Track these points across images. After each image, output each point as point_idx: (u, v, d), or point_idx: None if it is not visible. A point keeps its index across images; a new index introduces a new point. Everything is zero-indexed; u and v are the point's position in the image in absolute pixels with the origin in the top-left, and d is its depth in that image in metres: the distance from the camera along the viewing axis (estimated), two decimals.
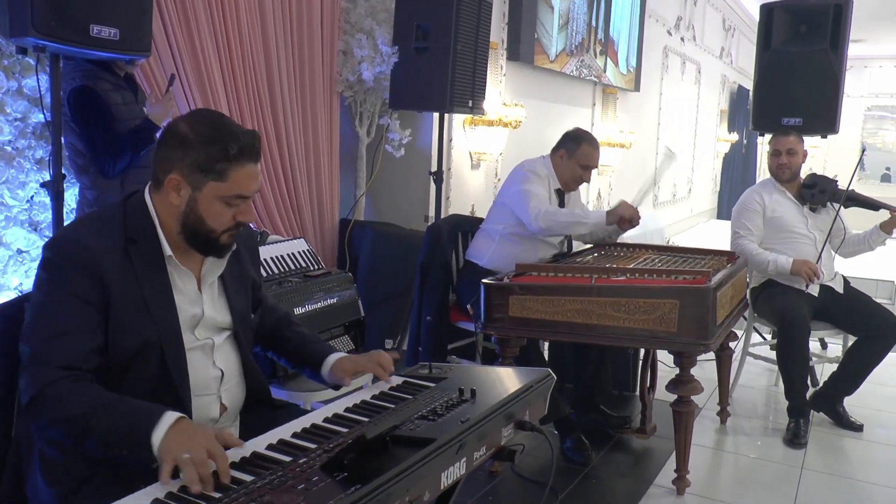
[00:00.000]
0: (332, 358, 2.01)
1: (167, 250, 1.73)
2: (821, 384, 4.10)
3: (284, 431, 1.62)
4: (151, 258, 1.71)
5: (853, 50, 15.30)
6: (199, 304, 1.80)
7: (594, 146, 3.62)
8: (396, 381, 1.95)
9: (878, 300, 7.13)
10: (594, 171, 3.72)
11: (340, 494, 1.28)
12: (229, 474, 1.41)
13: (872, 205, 4.05)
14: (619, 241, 3.84)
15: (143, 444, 1.47)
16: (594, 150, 3.61)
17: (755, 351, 4.42)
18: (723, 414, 3.91)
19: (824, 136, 4.80)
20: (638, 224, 3.49)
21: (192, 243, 1.74)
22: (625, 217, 3.44)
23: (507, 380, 1.92)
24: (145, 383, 1.68)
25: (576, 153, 3.58)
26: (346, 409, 1.76)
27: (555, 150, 3.65)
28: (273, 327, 2.11)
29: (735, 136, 13.07)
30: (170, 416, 1.50)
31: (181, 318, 1.74)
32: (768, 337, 4.73)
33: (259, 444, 1.56)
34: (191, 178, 1.68)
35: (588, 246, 3.85)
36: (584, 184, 3.75)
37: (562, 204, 3.67)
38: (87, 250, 1.63)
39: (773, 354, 4.12)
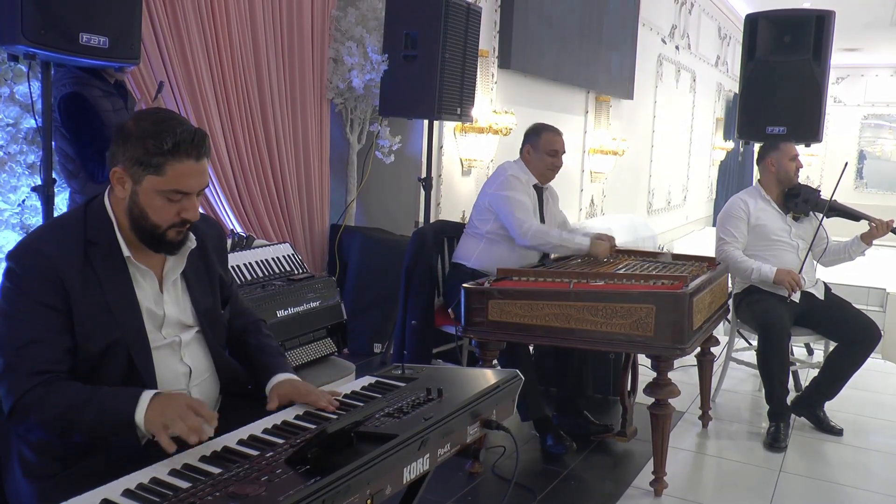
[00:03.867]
0: (277, 378, 1.94)
1: (125, 251, 1.78)
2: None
3: (256, 428, 1.68)
4: (111, 259, 1.76)
5: (849, 59, 15.34)
6: (161, 304, 1.84)
7: (555, 132, 3.77)
8: (369, 380, 2.01)
9: (868, 308, 7.22)
10: (587, 178, 3.82)
11: (300, 485, 1.34)
12: (216, 418, 1.58)
13: (854, 215, 4.11)
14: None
15: (128, 427, 1.59)
16: (556, 135, 3.76)
17: (740, 356, 4.47)
18: (704, 418, 3.96)
19: (808, 145, 4.87)
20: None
21: (141, 238, 1.78)
22: (599, 257, 3.60)
23: (474, 380, 1.98)
24: (114, 382, 1.74)
25: (539, 143, 3.71)
26: (318, 408, 1.82)
27: (521, 149, 3.76)
28: (239, 332, 2.11)
29: (731, 144, 13.14)
30: (146, 395, 1.61)
31: (145, 316, 1.80)
32: (754, 342, 4.78)
33: (230, 439, 1.62)
34: (131, 171, 1.72)
35: None
36: (560, 168, 3.85)
37: (540, 200, 3.76)
38: (47, 258, 1.68)
39: None
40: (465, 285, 3.15)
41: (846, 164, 4.64)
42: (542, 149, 3.70)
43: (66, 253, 1.71)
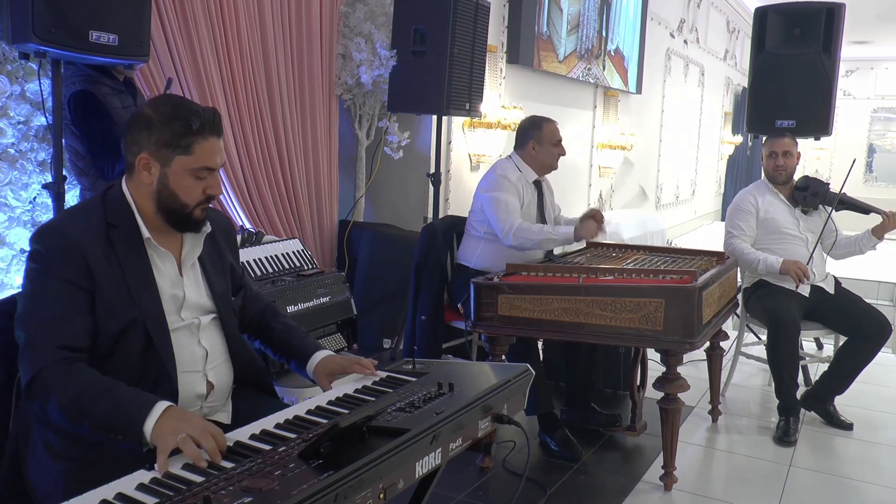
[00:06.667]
0: (319, 356, 2.08)
1: (145, 233, 1.83)
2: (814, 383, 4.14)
3: (268, 422, 1.69)
4: (131, 241, 1.82)
5: (859, 51, 15.26)
6: (181, 287, 1.89)
7: (553, 122, 3.77)
8: (379, 375, 2.02)
9: (879, 302, 7.20)
10: (595, 173, 3.79)
11: (314, 479, 1.35)
12: (226, 448, 1.53)
13: (863, 209, 4.09)
14: (614, 242, 3.92)
15: (135, 432, 1.58)
16: (555, 125, 3.76)
17: (749, 351, 4.47)
18: (714, 412, 3.96)
19: (817, 139, 4.85)
20: (603, 232, 3.57)
21: (169, 220, 1.85)
22: (587, 238, 3.51)
23: (485, 375, 1.98)
24: (133, 360, 1.77)
25: (543, 136, 3.69)
26: (329, 402, 1.83)
27: (520, 146, 3.74)
28: (259, 316, 2.20)
29: (739, 138, 13.09)
30: (160, 406, 1.60)
31: (164, 298, 1.84)
32: (764, 337, 4.77)
33: (242, 433, 1.63)
34: (159, 154, 1.80)
35: (581, 246, 3.92)
36: (562, 157, 3.80)
37: (540, 195, 3.75)
38: (71, 238, 1.73)
39: None
40: (474, 280, 3.15)
41: (854, 161, 4.61)
42: (546, 141, 3.68)
43: (89, 233, 1.76)
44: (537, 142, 3.69)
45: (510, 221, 3.47)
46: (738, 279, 3.98)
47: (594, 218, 3.47)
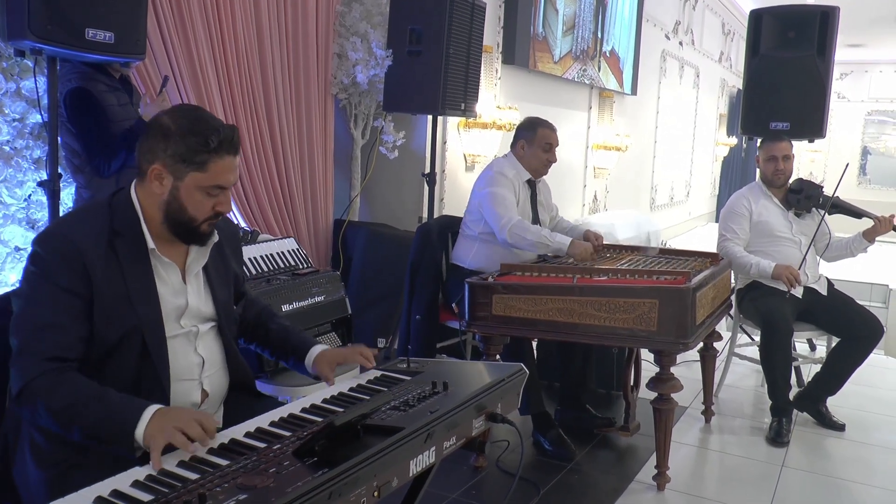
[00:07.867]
0: (316, 350, 2.11)
1: (150, 243, 1.82)
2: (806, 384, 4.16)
3: (262, 420, 1.70)
4: (135, 251, 1.80)
5: (853, 54, 15.30)
6: (184, 295, 1.88)
7: (550, 127, 3.74)
8: (374, 374, 2.03)
9: (871, 304, 7.22)
10: (590, 174, 3.80)
11: (308, 477, 1.36)
12: (214, 434, 1.56)
13: (856, 212, 4.12)
14: (610, 241, 3.94)
15: (127, 439, 1.58)
16: (551, 131, 3.73)
17: (742, 352, 4.49)
18: (707, 413, 3.97)
19: (811, 141, 4.87)
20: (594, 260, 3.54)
21: (175, 231, 1.83)
22: (577, 258, 3.46)
23: (479, 374, 1.99)
24: (127, 369, 1.77)
25: (534, 138, 3.69)
26: (324, 400, 1.84)
27: (513, 144, 3.77)
28: (255, 319, 2.21)
29: (734, 140, 13.12)
30: (149, 412, 1.60)
31: (165, 308, 1.83)
32: (757, 338, 4.79)
33: (237, 431, 1.63)
34: (173, 168, 1.77)
35: None
36: (554, 164, 3.80)
37: (533, 194, 3.76)
38: (73, 244, 1.72)
39: None
40: (468, 280, 3.16)
41: (847, 165, 4.63)
42: (537, 144, 3.68)
43: (92, 240, 1.75)
44: (527, 142, 3.69)
45: (508, 216, 3.48)
46: (732, 280, 4.00)
47: (593, 243, 3.54)
